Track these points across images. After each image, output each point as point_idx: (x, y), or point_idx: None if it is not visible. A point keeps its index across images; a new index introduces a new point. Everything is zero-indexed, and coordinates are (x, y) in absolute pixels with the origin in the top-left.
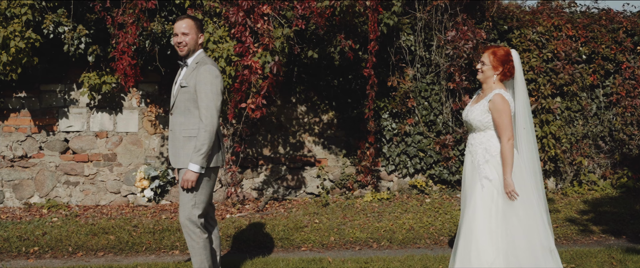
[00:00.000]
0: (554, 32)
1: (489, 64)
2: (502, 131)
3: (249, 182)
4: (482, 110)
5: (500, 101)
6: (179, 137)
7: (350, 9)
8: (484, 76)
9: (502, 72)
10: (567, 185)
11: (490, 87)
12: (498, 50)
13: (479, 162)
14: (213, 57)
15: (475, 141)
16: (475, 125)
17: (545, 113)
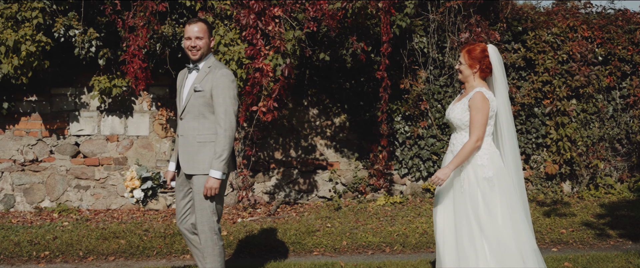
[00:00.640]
0: (569, 33)
1: (465, 63)
2: (473, 129)
3: (260, 186)
4: (462, 108)
5: (480, 99)
6: (193, 142)
7: (362, 11)
8: (463, 76)
9: (479, 69)
10: (583, 188)
11: (471, 85)
12: (473, 48)
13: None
14: (224, 60)
15: (457, 141)
16: (456, 124)
17: (560, 115)
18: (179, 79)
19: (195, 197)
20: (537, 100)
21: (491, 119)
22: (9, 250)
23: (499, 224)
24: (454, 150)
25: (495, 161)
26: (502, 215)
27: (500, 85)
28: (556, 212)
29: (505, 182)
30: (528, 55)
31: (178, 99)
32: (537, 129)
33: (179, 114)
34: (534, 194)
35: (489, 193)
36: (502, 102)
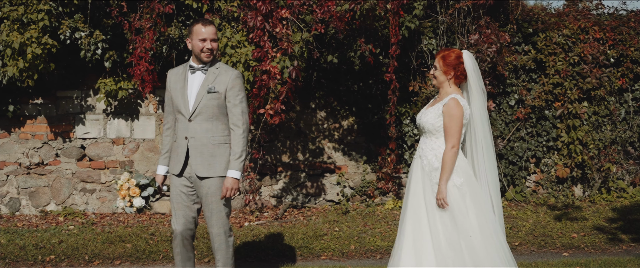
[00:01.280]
0: (580, 35)
1: (440, 69)
2: (449, 136)
3: (267, 190)
4: (436, 113)
5: (454, 105)
6: (207, 144)
7: (371, 13)
8: (438, 82)
9: (454, 75)
10: (595, 192)
11: (446, 91)
12: (448, 54)
13: (430, 170)
14: (231, 62)
15: (427, 146)
16: (428, 128)
17: (572, 118)
18: (172, 79)
19: (211, 199)
20: (547, 103)
21: (464, 127)
22: (14, 254)
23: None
24: (422, 154)
25: (465, 168)
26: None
27: (475, 92)
28: (567, 216)
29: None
30: (538, 57)
31: (179, 100)
32: (547, 131)
33: (187, 116)
34: (545, 198)
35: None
36: (478, 109)
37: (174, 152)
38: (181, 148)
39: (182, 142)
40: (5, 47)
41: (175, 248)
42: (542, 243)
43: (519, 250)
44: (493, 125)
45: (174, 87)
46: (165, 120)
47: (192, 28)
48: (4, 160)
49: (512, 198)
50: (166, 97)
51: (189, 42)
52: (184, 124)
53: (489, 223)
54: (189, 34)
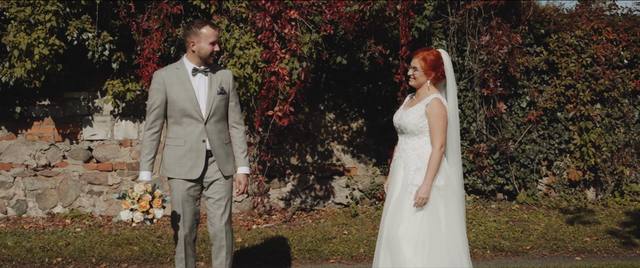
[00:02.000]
0: (593, 36)
1: (421, 70)
2: (436, 136)
3: (275, 192)
4: (419, 114)
5: (438, 105)
6: (221, 144)
7: (380, 14)
8: (417, 82)
9: (434, 76)
10: (608, 195)
11: (425, 92)
12: (428, 55)
13: (410, 170)
14: (239, 63)
15: (408, 146)
16: (410, 129)
17: (584, 120)
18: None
19: (226, 196)
20: (560, 105)
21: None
22: (21, 256)
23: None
24: (403, 155)
25: (446, 169)
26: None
27: (451, 93)
28: (580, 219)
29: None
30: (551, 58)
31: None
32: (559, 134)
33: (203, 119)
34: (557, 201)
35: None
36: (452, 110)
37: (184, 157)
38: (198, 151)
39: (199, 145)
40: (12, 48)
41: (180, 253)
42: (554, 247)
43: (531, 254)
44: (504, 128)
45: (173, 90)
46: (153, 123)
47: (200, 30)
48: (10, 161)
49: (524, 202)
50: (157, 100)
51: (194, 44)
52: (198, 127)
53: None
54: (195, 35)
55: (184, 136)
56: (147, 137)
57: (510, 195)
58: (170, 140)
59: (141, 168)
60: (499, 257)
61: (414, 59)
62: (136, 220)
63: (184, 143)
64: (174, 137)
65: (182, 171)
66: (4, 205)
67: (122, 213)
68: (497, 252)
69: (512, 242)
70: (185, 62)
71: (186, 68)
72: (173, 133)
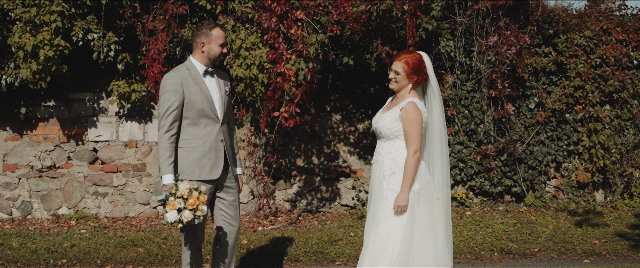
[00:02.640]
0: (602, 37)
1: (403, 74)
2: (410, 142)
3: (281, 194)
4: (393, 117)
5: (413, 110)
6: (232, 144)
7: (387, 14)
8: (399, 86)
9: (417, 80)
10: (617, 197)
11: (403, 95)
12: (411, 58)
13: (385, 174)
14: (245, 64)
15: (384, 150)
16: (384, 133)
17: (593, 121)
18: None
19: (237, 195)
20: (568, 106)
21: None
22: (26, 257)
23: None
24: (379, 159)
25: (422, 174)
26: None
27: (435, 95)
28: (588, 222)
29: (430, 197)
30: (559, 59)
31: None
32: (568, 135)
33: (219, 120)
34: (565, 203)
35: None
36: (437, 114)
37: (204, 158)
38: (217, 151)
39: (217, 145)
40: (17, 49)
41: (191, 255)
42: (562, 250)
43: (539, 256)
44: (512, 129)
45: (190, 91)
46: (171, 126)
47: (210, 31)
48: (16, 163)
49: (532, 204)
50: (175, 101)
51: (204, 45)
52: (215, 128)
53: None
54: (205, 36)
55: (202, 136)
56: (166, 140)
57: (518, 197)
58: (186, 142)
59: (163, 172)
60: (506, 260)
61: (396, 62)
62: (185, 219)
63: (203, 143)
64: (191, 138)
65: (202, 172)
66: (9, 207)
67: (169, 215)
68: (505, 255)
69: (519, 244)
70: (195, 62)
71: (197, 69)
72: (189, 134)
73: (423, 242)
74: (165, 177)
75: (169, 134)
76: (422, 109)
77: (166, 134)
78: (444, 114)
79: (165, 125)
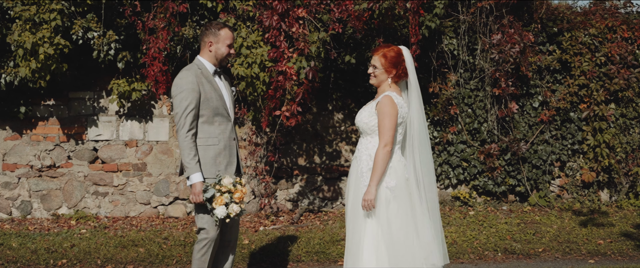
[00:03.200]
0: (607, 34)
1: (381, 68)
2: (381, 135)
3: (283, 193)
4: (369, 112)
5: (388, 103)
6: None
7: (390, 12)
8: (378, 80)
9: (395, 74)
10: (622, 197)
11: (383, 90)
12: (388, 51)
13: (363, 170)
14: (246, 63)
15: (362, 146)
16: (362, 128)
17: (598, 120)
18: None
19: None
20: (573, 105)
21: (400, 127)
22: (25, 257)
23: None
24: (358, 156)
25: (399, 171)
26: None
27: (414, 92)
28: (593, 222)
29: (407, 195)
30: (564, 57)
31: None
32: (573, 134)
33: (232, 118)
34: (570, 203)
35: (391, 202)
36: (416, 110)
37: (219, 156)
38: (231, 149)
39: (231, 143)
40: (17, 47)
41: (206, 254)
42: (566, 250)
43: (543, 256)
44: (516, 128)
45: (205, 89)
46: (191, 124)
47: (219, 31)
48: (15, 162)
49: (536, 203)
50: (194, 100)
51: (211, 44)
52: (228, 126)
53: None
54: (214, 36)
55: (218, 135)
56: (188, 140)
57: (522, 196)
58: (203, 140)
59: (191, 171)
60: (510, 260)
61: (374, 56)
62: (233, 213)
63: (218, 141)
64: (207, 136)
65: (222, 169)
66: (9, 206)
67: (218, 211)
68: (509, 255)
69: (523, 244)
70: (204, 62)
71: (207, 68)
72: (205, 132)
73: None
74: (194, 176)
75: (191, 133)
76: (399, 102)
77: (188, 133)
78: (423, 110)
79: (185, 124)
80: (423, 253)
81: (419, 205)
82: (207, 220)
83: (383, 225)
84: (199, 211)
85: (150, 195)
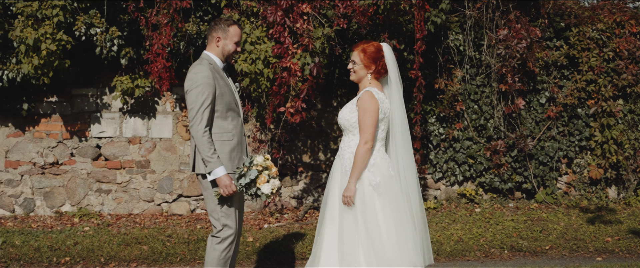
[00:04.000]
0: (615, 30)
1: (360, 63)
2: (362, 131)
3: (287, 190)
4: (350, 109)
5: (368, 98)
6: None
7: (395, 7)
8: (357, 76)
9: (375, 70)
10: (630, 194)
11: (364, 86)
12: (368, 46)
13: (346, 168)
14: (250, 59)
15: (344, 144)
16: (343, 125)
17: (606, 116)
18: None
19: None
20: (580, 101)
21: (382, 123)
22: (28, 255)
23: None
24: (341, 154)
25: (382, 168)
26: (387, 226)
27: (394, 87)
28: (601, 219)
29: (392, 192)
30: (571, 52)
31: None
32: (580, 131)
33: (242, 114)
34: (577, 200)
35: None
36: (397, 106)
37: (233, 151)
38: (242, 144)
39: (243, 138)
40: (19, 43)
41: (229, 252)
42: (574, 247)
43: (550, 254)
44: (523, 124)
45: (219, 84)
46: (208, 120)
47: (228, 28)
48: (18, 159)
49: (543, 200)
50: (210, 94)
51: (220, 40)
52: (239, 121)
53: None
54: (222, 31)
55: (231, 130)
56: (206, 136)
57: (529, 193)
58: (218, 135)
59: (215, 165)
60: (517, 257)
61: (353, 51)
62: (276, 187)
63: (232, 136)
64: (222, 131)
65: (233, 166)
66: (12, 204)
67: (265, 188)
68: (515, 252)
69: (530, 241)
70: (213, 57)
71: (217, 63)
72: (220, 127)
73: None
74: (218, 170)
75: (208, 129)
76: (380, 98)
77: (206, 128)
78: (403, 107)
79: (202, 119)
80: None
81: (403, 203)
82: (230, 214)
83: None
84: (221, 206)
85: (154, 193)
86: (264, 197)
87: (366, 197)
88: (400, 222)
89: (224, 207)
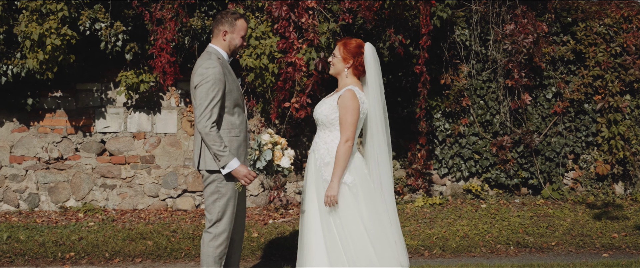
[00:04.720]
0: (623, 24)
1: (339, 56)
2: (343, 130)
3: (292, 186)
4: (331, 105)
5: (350, 97)
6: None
7: (401, 2)
8: (335, 70)
9: (352, 65)
10: (637, 190)
11: (344, 82)
12: (349, 41)
13: (320, 165)
14: (255, 54)
15: (320, 139)
16: (321, 121)
17: (613, 112)
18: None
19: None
20: (587, 96)
21: (359, 122)
22: (33, 250)
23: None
24: (315, 149)
25: (357, 166)
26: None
27: (372, 88)
28: (607, 215)
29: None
30: (578, 48)
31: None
32: (587, 126)
33: (247, 110)
34: (584, 196)
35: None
36: (375, 106)
37: (240, 147)
38: (247, 141)
39: (247, 135)
40: (24, 38)
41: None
42: (580, 244)
43: (556, 250)
44: (529, 120)
45: (229, 80)
46: (217, 116)
47: (236, 21)
48: (22, 154)
49: (549, 196)
50: (220, 90)
51: (227, 34)
52: (244, 117)
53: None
54: (229, 25)
55: (238, 126)
56: (216, 131)
57: (535, 189)
58: (226, 132)
59: (228, 159)
60: (523, 253)
61: (336, 45)
62: (292, 156)
63: (239, 133)
64: (230, 127)
65: (241, 161)
66: (16, 199)
67: (283, 162)
68: (521, 248)
69: (536, 237)
70: (221, 51)
71: (224, 57)
72: (228, 123)
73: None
74: (232, 162)
75: (216, 124)
76: (361, 97)
77: (214, 123)
78: (384, 110)
79: (212, 115)
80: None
81: (380, 201)
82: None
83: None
84: (216, 201)
85: (159, 188)
86: (286, 172)
87: (341, 196)
88: (379, 220)
89: (222, 204)
